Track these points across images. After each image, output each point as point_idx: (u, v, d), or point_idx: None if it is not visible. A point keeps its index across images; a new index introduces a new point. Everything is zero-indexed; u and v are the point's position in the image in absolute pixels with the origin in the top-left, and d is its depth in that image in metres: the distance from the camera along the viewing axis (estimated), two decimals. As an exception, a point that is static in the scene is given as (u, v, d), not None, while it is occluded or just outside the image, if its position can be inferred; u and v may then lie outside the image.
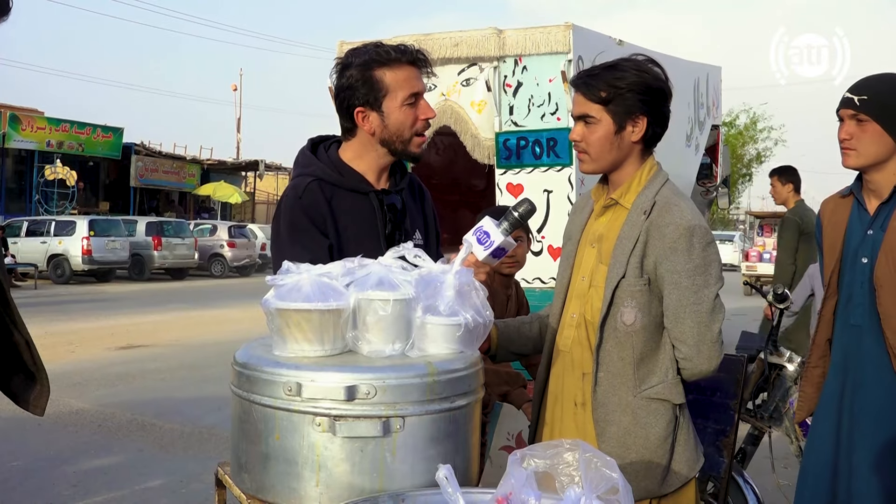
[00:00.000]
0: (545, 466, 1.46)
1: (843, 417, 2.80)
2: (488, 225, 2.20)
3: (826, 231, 2.94)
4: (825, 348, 2.90)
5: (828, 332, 2.89)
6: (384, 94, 2.35)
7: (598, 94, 2.28)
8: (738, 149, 41.19)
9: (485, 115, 4.57)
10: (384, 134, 2.39)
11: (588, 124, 2.31)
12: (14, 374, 2.47)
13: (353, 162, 2.45)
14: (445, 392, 1.73)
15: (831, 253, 2.88)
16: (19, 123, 28.83)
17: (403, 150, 2.42)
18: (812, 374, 2.96)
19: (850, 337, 2.80)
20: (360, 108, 2.37)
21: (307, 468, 1.68)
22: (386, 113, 2.36)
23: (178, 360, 10.17)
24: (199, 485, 5.54)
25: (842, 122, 2.77)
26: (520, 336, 2.51)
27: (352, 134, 2.44)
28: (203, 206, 39.01)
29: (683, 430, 2.32)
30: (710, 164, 7.25)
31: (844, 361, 2.82)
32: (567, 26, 4.39)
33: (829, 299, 2.88)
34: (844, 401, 2.81)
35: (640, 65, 2.32)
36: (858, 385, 2.77)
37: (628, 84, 2.26)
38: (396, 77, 2.35)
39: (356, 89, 2.36)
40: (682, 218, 2.24)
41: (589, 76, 2.32)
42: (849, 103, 2.73)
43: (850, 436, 2.78)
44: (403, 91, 2.36)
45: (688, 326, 2.23)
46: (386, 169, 2.48)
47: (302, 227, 2.34)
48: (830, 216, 2.94)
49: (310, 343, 1.77)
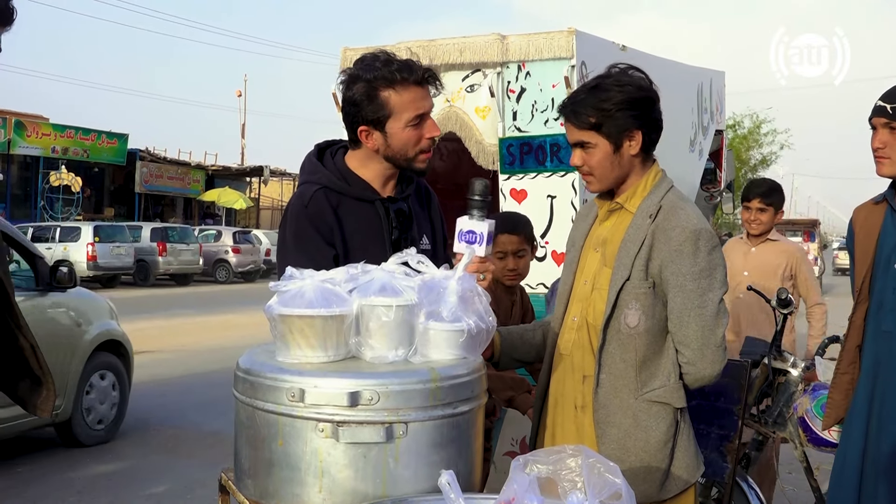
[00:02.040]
0: (548, 472, 1.46)
1: (871, 424, 2.80)
2: (465, 224, 2.23)
3: (858, 237, 2.94)
4: (855, 354, 2.89)
5: (858, 339, 2.88)
6: (388, 116, 2.33)
7: (588, 120, 2.28)
8: (742, 153, 41.16)
9: (489, 120, 4.57)
10: (388, 152, 2.38)
11: (586, 150, 2.32)
12: (20, 378, 2.49)
13: (359, 170, 2.44)
14: (448, 398, 1.74)
15: (863, 259, 2.87)
16: (24, 130, 28.89)
17: (408, 166, 2.42)
18: (841, 380, 2.94)
19: (881, 343, 2.79)
20: (364, 127, 2.36)
21: (310, 474, 1.69)
22: (389, 134, 2.35)
23: (183, 366, 10.17)
24: (204, 490, 5.54)
25: (875, 131, 2.76)
26: (523, 343, 2.51)
27: (357, 145, 2.44)
28: (208, 211, 39.07)
29: (684, 435, 2.32)
30: (713, 169, 7.24)
31: (875, 368, 2.81)
32: (570, 32, 4.39)
33: (860, 305, 2.86)
34: (874, 407, 2.80)
35: (621, 78, 2.31)
36: (888, 391, 2.76)
37: (615, 104, 2.26)
38: (402, 99, 2.32)
39: (361, 107, 2.34)
40: (688, 222, 2.25)
41: (574, 103, 2.32)
42: (881, 111, 2.73)
43: (878, 443, 2.77)
44: (408, 113, 2.33)
45: (692, 330, 2.23)
46: (393, 177, 2.47)
47: (307, 236, 2.35)
48: (863, 223, 2.93)
49: (313, 349, 1.78)
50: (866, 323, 2.85)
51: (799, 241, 27.40)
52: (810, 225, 29.29)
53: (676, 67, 5.97)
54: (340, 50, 4.77)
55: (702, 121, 6.31)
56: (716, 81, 6.75)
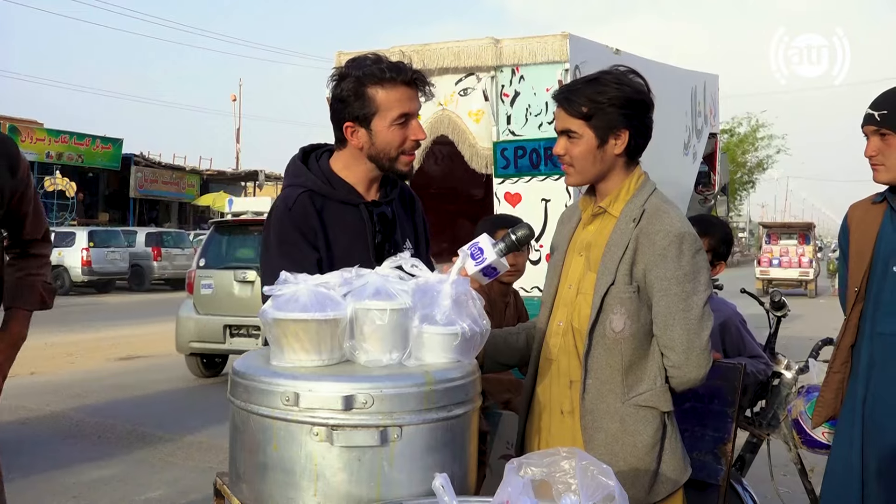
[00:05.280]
0: (542, 474, 1.47)
1: (865, 424, 2.80)
2: (484, 242, 2.22)
3: (854, 236, 2.92)
4: (848, 354, 2.89)
5: (852, 339, 2.88)
6: (374, 113, 2.35)
7: (580, 109, 2.29)
8: (737, 157, 41.26)
9: (482, 124, 4.58)
10: (371, 150, 2.40)
11: (571, 139, 2.33)
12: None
13: (343, 172, 2.45)
14: (443, 401, 1.74)
15: (859, 259, 2.86)
16: (18, 135, 28.83)
17: (390, 167, 2.43)
18: (832, 379, 2.95)
19: (876, 345, 2.80)
20: (350, 123, 2.38)
21: (305, 478, 1.69)
22: (374, 131, 2.37)
23: (179, 371, 10.15)
24: (198, 495, 5.54)
25: (867, 139, 2.78)
26: (507, 346, 2.51)
27: (343, 144, 2.45)
28: (203, 216, 39.03)
29: (671, 439, 2.33)
30: (708, 172, 7.26)
31: (869, 369, 2.81)
32: (564, 35, 4.41)
33: (855, 305, 2.86)
34: (867, 408, 2.80)
35: (621, 77, 2.32)
36: (881, 393, 2.77)
37: (609, 99, 2.27)
38: (389, 97, 2.34)
39: (348, 103, 2.36)
40: (671, 225, 2.25)
41: (570, 91, 2.34)
42: (870, 119, 2.74)
43: (871, 445, 2.78)
44: (394, 111, 2.35)
45: (677, 334, 2.23)
46: (377, 180, 2.49)
47: (291, 240, 2.35)
48: (860, 222, 2.92)
49: (307, 353, 1.78)
50: (861, 324, 2.85)
51: (794, 243, 27.45)
52: (806, 228, 29.31)
53: (670, 71, 5.99)
54: (335, 54, 4.78)
55: (696, 124, 6.33)
56: (709, 85, 6.78)
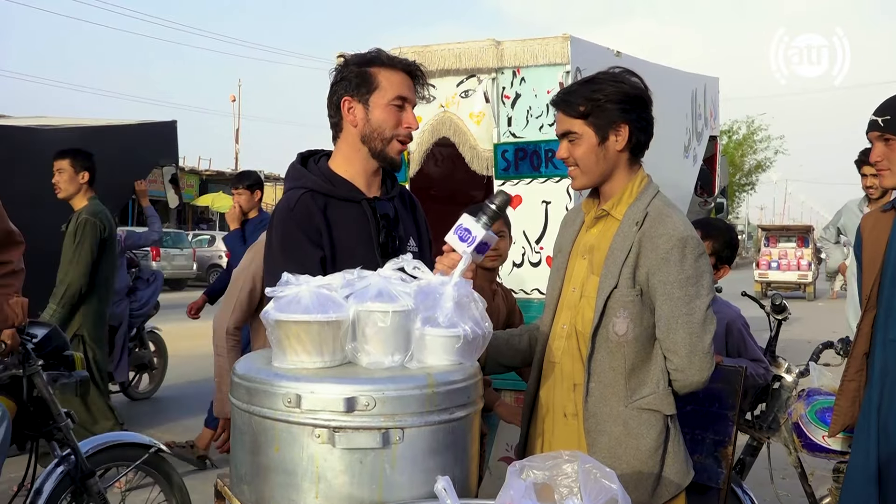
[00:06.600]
0: (544, 477, 1.47)
1: (880, 432, 2.81)
2: (467, 221, 2.21)
3: (866, 245, 2.96)
4: (862, 362, 2.91)
5: (865, 346, 2.89)
6: (374, 89, 2.42)
7: (577, 108, 2.30)
8: (736, 159, 41.33)
9: (483, 126, 4.58)
10: (366, 129, 2.44)
11: (572, 141, 2.34)
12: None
13: (342, 169, 2.48)
14: (444, 403, 1.74)
15: (871, 267, 2.89)
16: (18, 135, 28.83)
17: (382, 149, 2.45)
18: (848, 387, 2.96)
19: (888, 352, 2.80)
20: (348, 98, 2.43)
21: (306, 480, 1.69)
22: (371, 107, 2.42)
23: (178, 371, 10.13)
24: (199, 496, 5.52)
25: (872, 145, 2.81)
26: (509, 348, 2.51)
27: (339, 129, 2.49)
28: (201, 216, 39.02)
29: (674, 441, 2.33)
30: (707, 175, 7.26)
31: (882, 377, 2.82)
32: (565, 38, 4.40)
33: (867, 313, 2.88)
34: (882, 415, 2.81)
35: (617, 76, 2.35)
36: (894, 400, 2.77)
37: (606, 95, 2.29)
38: (389, 78, 2.42)
39: (349, 80, 2.43)
40: (674, 229, 2.25)
41: (567, 93, 2.36)
42: (874, 126, 2.78)
43: (887, 452, 2.78)
44: (393, 91, 2.42)
45: (680, 337, 2.23)
46: (376, 175, 2.51)
47: (294, 240, 2.36)
48: (871, 230, 2.96)
49: (309, 355, 1.78)
50: (874, 331, 2.86)
51: (793, 246, 27.43)
52: (804, 231, 29.30)
53: (671, 73, 5.99)
54: (335, 56, 4.78)
55: (696, 126, 6.34)
56: (710, 87, 6.78)
